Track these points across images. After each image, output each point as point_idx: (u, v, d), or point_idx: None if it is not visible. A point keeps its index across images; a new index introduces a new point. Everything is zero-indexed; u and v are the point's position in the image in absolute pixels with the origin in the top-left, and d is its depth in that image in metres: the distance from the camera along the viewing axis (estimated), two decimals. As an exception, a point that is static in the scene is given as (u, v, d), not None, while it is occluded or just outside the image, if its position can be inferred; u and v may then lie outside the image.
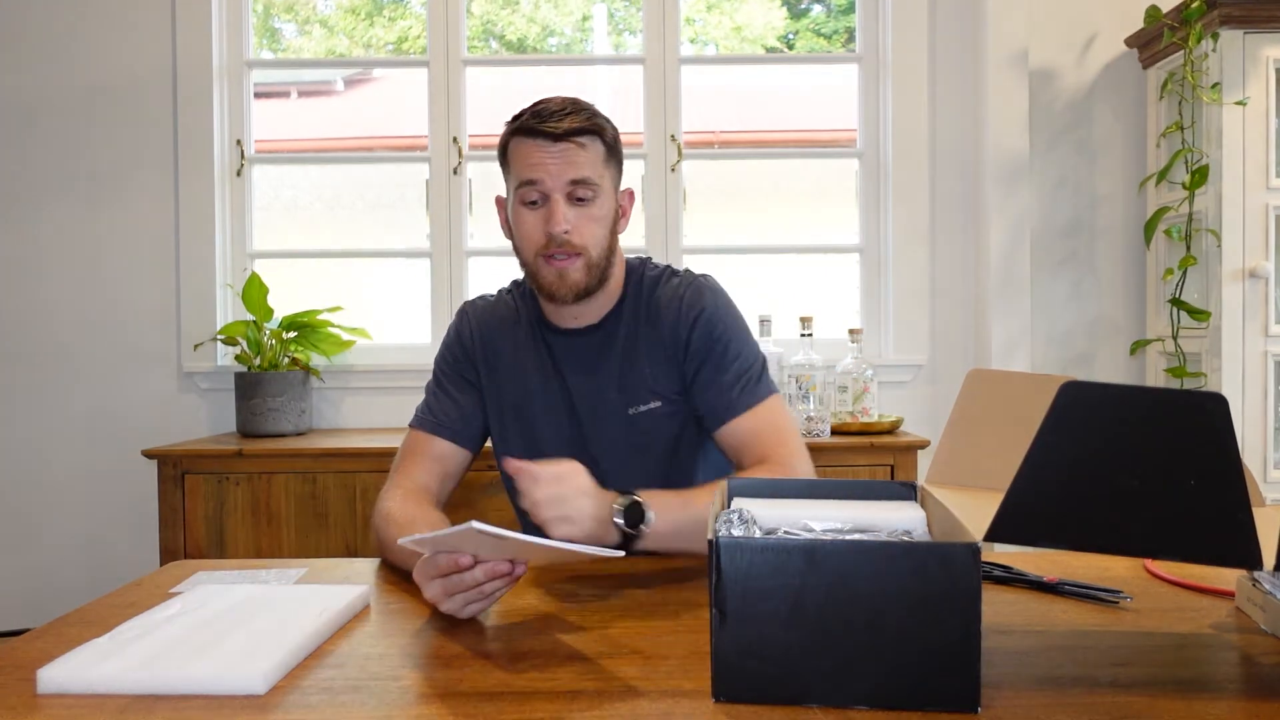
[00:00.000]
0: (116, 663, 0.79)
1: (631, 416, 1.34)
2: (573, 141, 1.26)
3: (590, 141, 1.27)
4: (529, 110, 1.28)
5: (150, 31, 2.61)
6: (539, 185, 1.26)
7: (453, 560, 0.90)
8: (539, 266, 1.30)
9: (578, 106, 1.28)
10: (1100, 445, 0.70)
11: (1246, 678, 0.80)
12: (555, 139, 1.25)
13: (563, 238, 1.26)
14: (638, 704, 0.73)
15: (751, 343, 1.37)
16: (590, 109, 1.29)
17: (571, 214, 1.26)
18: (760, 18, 2.90)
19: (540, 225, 1.27)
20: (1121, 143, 2.65)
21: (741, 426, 1.30)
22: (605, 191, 1.29)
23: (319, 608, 0.93)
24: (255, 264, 2.70)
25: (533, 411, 1.37)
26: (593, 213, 1.28)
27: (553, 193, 1.26)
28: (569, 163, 1.25)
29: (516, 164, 1.28)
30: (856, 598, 0.71)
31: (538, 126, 1.25)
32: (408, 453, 1.37)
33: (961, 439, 0.97)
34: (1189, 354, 2.40)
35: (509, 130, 1.30)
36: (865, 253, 2.73)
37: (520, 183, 1.28)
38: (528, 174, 1.26)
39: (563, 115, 1.25)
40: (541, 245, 1.28)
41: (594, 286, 1.31)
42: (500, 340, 1.40)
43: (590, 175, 1.26)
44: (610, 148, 1.30)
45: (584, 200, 1.27)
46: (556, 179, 1.25)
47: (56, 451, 2.62)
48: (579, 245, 1.27)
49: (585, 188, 1.26)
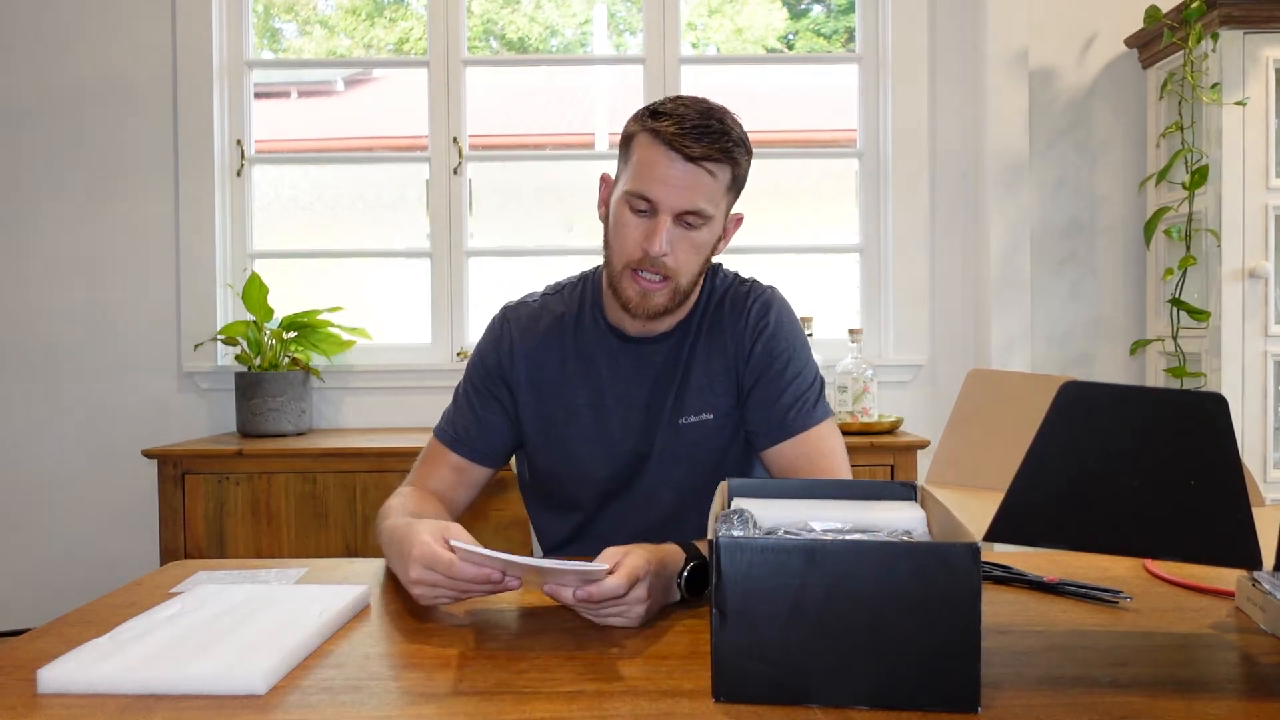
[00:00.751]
0: (116, 662, 0.79)
1: (681, 426, 1.29)
2: (703, 167, 1.17)
3: (720, 171, 1.19)
4: (669, 113, 1.18)
5: (150, 31, 2.61)
6: (655, 201, 1.18)
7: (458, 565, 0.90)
8: (624, 278, 1.22)
9: (720, 129, 1.18)
10: (1100, 445, 0.70)
11: (1246, 678, 0.80)
12: (688, 160, 1.16)
13: (659, 261, 1.19)
14: (638, 704, 0.73)
15: (812, 363, 1.31)
16: (732, 134, 1.19)
17: (674, 236, 1.19)
18: (761, 19, 2.90)
19: (639, 238, 1.19)
20: (1121, 143, 2.65)
21: (790, 450, 1.25)
22: (715, 220, 1.22)
23: (319, 608, 0.93)
24: (255, 264, 2.70)
25: (577, 422, 1.30)
26: (695, 240, 1.21)
27: (663, 211, 1.18)
28: (691, 188, 1.17)
29: (638, 165, 1.19)
30: (856, 598, 0.71)
31: (675, 140, 1.16)
32: (426, 458, 1.33)
33: (961, 439, 0.97)
34: (1189, 354, 2.40)
35: (642, 125, 1.20)
36: (865, 253, 2.73)
37: (636, 189, 1.19)
38: (646, 186, 1.18)
39: (700, 136, 1.16)
40: (634, 258, 1.20)
41: (674, 309, 1.25)
42: (544, 352, 1.32)
43: (706, 206, 1.19)
44: (736, 178, 1.23)
45: (691, 226, 1.20)
46: (674, 201, 1.17)
47: (57, 451, 2.62)
48: (672, 270, 1.20)
49: (697, 216, 1.19)
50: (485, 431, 1.31)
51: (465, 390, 1.35)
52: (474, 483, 1.32)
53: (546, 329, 1.33)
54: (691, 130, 1.16)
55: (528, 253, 2.80)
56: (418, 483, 1.29)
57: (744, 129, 1.22)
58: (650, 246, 1.18)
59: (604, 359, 1.31)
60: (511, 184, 2.80)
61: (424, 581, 0.94)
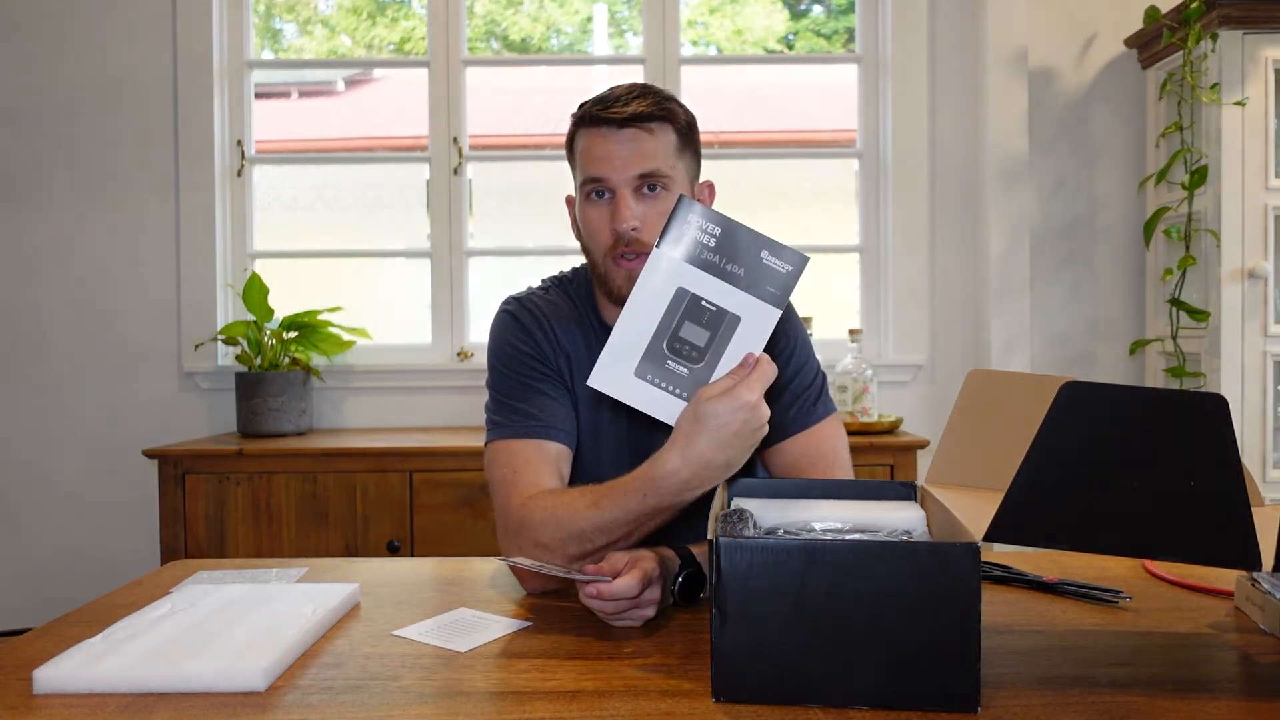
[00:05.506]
0: (113, 661, 0.79)
1: None
2: (640, 128, 1.14)
3: (660, 128, 1.15)
4: (593, 99, 1.17)
5: (151, 32, 2.61)
6: (604, 180, 1.15)
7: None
8: (609, 269, 1.17)
9: (646, 90, 1.16)
10: (1100, 445, 0.70)
11: (1245, 677, 0.80)
12: (620, 125, 1.13)
13: (630, 235, 1.14)
14: (638, 704, 0.74)
15: (813, 359, 1.29)
16: (660, 92, 1.17)
17: (639, 208, 1.14)
18: (761, 20, 2.90)
19: (607, 222, 1.16)
20: (1121, 143, 2.65)
21: (792, 449, 1.22)
22: (678, 183, 1.17)
23: (312, 605, 0.93)
24: (256, 264, 2.70)
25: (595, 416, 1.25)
26: (663, 207, 1.15)
27: (619, 186, 1.14)
28: (636, 152, 1.14)
29: (582, 158, 1.17)
30: (856, 598, 0.71)
31: (601, 114, 1.14)
32: (512, 468, 1.13)
33: (961, 439, 0.97)
34: (1188, 354, 2.41)
35: (573, 122, 1.19)
36: (865, 253, 2.74)
37: (586, 178, 1.17)
38: (592, 168, 1.15)
39: (628, 100, 1.14)
40: (610, 245, 1.16)
41: None
42: (568, 341, 1.25)
43: (660, 166, 1.14)
44: (684, 135, 1.18)
45: (654, 193, 1.15)
46: (622, 171, 1.14)
47: (57, 451, 2.62)
48: (649, 242, 1.13)
49: (655, 179, 1.14)
50: (566, 413, 1.21)
51: (516, 382, 1.21)
52: (568, 475, 1.19)
53: (564, 315, 1.27)
54: (618, 99, 1.14)
55: (528, 253, 2.80)
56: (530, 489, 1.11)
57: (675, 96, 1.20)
58: (618, 224, 1.14)
59: None
60: (511, 184, 2.80)
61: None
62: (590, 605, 0.92)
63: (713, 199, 1.28)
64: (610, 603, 0.90)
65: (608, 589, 0.89)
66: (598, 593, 0.89)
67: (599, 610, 0.93)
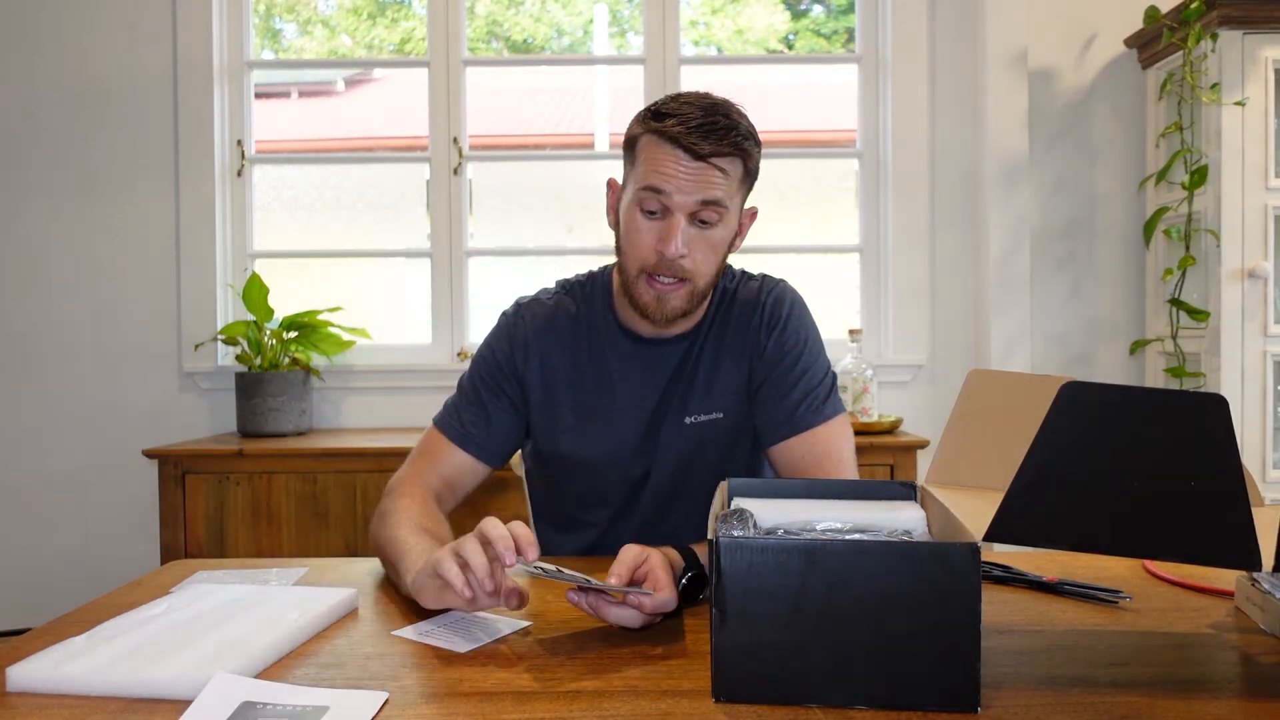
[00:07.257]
0: (84, 663, 0.78)
1: (691, 425, 1.27)
2: (713, 164, 1.14)
3: (731, 165, 1.16)
4: (672, 112, 1.15)
5: (151, 32, 2.61)
6: (664, 198, 1.15)
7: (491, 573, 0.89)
8: (639, 283, 1.19)
9: (727, 124, 1.14)
10: (1100, 445, 0.70)
11: (1246, 677, 0.80)
12: (696, 157, 1.13)
13: (675, 263, 1.16)
14: (638, 704, 0.74)
15: (823, 358, 1.30)
16: (740, 127, 1.16)
17: (690, 236, 1.16)
18: (762, 20, 2.90)
19: (654, 240, 1.16)
20: (1121, 143, 2.65)
21: (797, 447, 1.23)
22: (730, 215, 1.19)
23: (297, 612, 0.92)
24: (256, 264, 2.70)
25: (587, 422, 1.28)
26: (712, 237, 1.18)
27: (677, 210, 1.15)
28: (702, 184, 1.14)
29: (646, 164, 1.16)
30: (856, 598, 0.71)
31: (681, 139, 1.13)
32: (426, 451, 1.28)
33: (961, 439, 0.97)
34: (1188, 354, 2.41)
35: (646, 127, 1.17)
36: (865, 253, 2.74)
37: (645, 186, 1.15)
38: (655, 181, 1.14)
39: (708, 133, 1.13)
40: (650, 262, 1.17)
41: (691, 311, 1.23)
42: (558, 354, 1.29)
43: (721, 198, 1.15)
44: (749, 171, 1.20)
45: (706, 223, 1.16)
46: (685, 197, 1.14)
47: (57, 451, 2.62)
48: (689, 272, 1.17)
49: (712, 210, 1.15)
50: (492, 429, 1.28)
51: (473, 383, 1.30)
52: (474, 480, 1.29)
53: (560, 327, 1.30)
54: (698, 128, 1.13)
55: (528, 253, 2.80)
56: (417, 477, 1.25)
57: (750, 121, 1.20)
58: (665, 249, 1.15)
59: (615, 360, 1.29)
60: (511, 184, 2.80)
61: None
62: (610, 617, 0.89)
63: (752, 223, 1.30)
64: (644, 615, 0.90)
65: (650, 602, 0.88)
66: (639, 604, 0.88)
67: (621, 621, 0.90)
